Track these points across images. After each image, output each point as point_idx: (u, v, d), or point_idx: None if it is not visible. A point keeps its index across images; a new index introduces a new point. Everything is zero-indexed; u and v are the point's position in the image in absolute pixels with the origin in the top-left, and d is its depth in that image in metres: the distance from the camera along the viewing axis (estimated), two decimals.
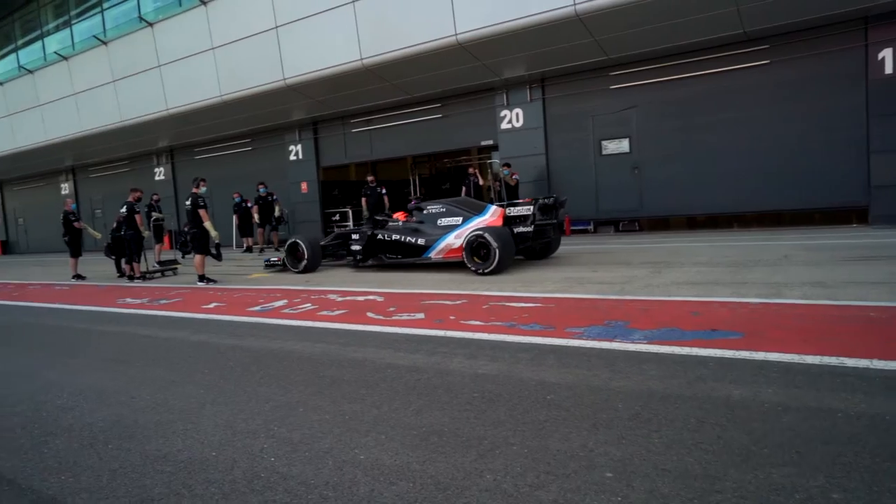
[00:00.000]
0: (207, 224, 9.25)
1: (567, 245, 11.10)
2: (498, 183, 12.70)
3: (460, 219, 8.78)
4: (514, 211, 8.62)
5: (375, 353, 4.19)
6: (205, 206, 9.30)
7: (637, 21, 10.10)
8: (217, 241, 9.75)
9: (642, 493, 2.04)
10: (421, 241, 8.92)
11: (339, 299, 6.66)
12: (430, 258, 8.84)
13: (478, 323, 4.87)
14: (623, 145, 12.50)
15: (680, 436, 2.46)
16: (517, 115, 13.56)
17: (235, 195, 15.57)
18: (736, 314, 4.54)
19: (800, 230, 10.43)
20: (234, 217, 15.85)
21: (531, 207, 8.40)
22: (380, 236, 9.44)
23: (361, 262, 9.75)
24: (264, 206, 14.97)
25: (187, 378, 3.92)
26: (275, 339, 4.87)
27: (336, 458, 2.51)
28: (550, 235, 8.91)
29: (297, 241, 9.79)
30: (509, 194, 12.62)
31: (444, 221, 8.96)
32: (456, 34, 11.19)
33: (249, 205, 15.34)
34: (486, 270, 7.74)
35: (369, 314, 5.62)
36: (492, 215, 8.58)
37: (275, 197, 15.34)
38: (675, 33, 10.49)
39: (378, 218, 9.91)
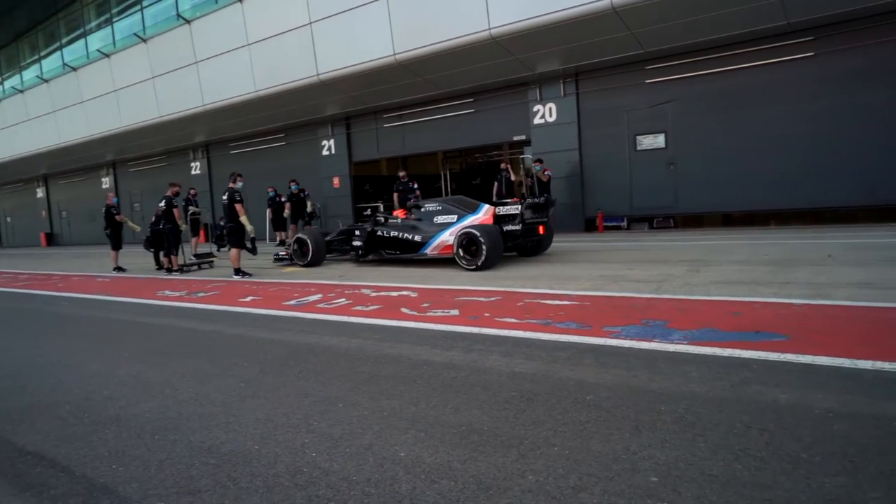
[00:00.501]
0: (243, 218, 9.42)
1: (600, 242, 11.00)
2: (530, 179, 12.61)
3: (455, 217, 9.09)
4: (503, 210, 8.90)
5: (411, 349, 4.21)
6: (241, 201, 9.46)
7: (676, 13, 9.90)
8: (252, 236, 9.94)
9: (690, 499, 2.00)
10: (417, 238, 9.23)
11: (373, 294, 6.71)
12: (426, 254, 9.14)
13: (513, 320, 4.84)
14: (658, 140, 12.29)
15: (726, 441, 2.40)
16: (550, 109, 13.44)
17: (270, 189, 15.81)
18: (779, 315, 4.42)
19: (843, 228, 10.12)
20: (268, 211, 16.10)
21: (519, 207, 8.71)
22: (379, 233, 9.74)
23: (362, 257, 10.08)
24: (297, 203, 15.16)
25: (227, 371, 3.99)
26: (311, 334, 4.93)
27: (377, 454, 2.53)
28: (539, 234, 9.10)
29: (304, 237, 10.30)
30: (541, 190, 12.54)
31: (440, 219, 9.26)
32: (489, 29, 11.14)
33: (283, 199, 15.56)
34: (472, 267, 8.10)
35: (403, 310, 5.64)
36: (484, 214, 8.91)
37: (306, 193, 15.52)
38: (715, 25, 10.26)
39: (379, 215, 10.23)
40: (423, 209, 9.62)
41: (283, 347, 4.54)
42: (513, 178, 13.84)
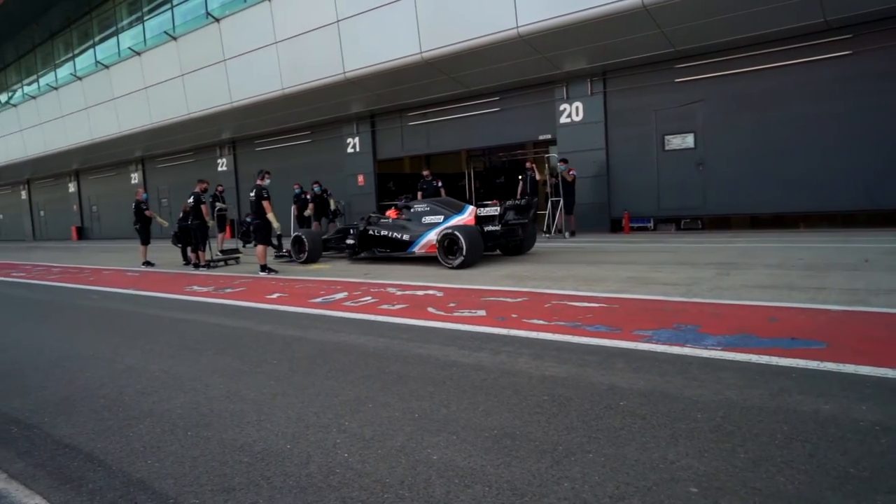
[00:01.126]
0: (270, 215, 9.51)
1: (626, 243, 10.86)
2: (554, 178, 12.51)
3: (442, 217, 9.47)
4: (483, 211, 9.32)
5: (439, 350, 4.19)
6: (268, 198, 9.55)
7: (709, 10, 9.73)
8: (279, 233, 10.07)
9: None
10: (406, 237, 9.67)
11: (399, 293, 6.71)
12: (413, 252, 9.58)
13: (541, 322, 4.80)
14: (687, 140, 12.09)
15: (767, 452, 2.34)
16: (577, 108, 13.32)
17: (296, 186, 15.90)
18: (816, 322, 4.31)
19: (878, 232, 9.84)
20: (293, 208, 16.21)
21: (498, 208, 9.22)
22: (370, 231, 10.18)
23: (356, 255, 10.64)
24: (320, 203, 15.23)
25: (256, 368, 4.02)
26: (338, 332, 4.94)
27: (409, 456, 2.51)
28: (520, 234, 9.42)
29: (301, 235, 10.80)
30: (566, 190, 12.43)
31: (427, 219, 9.66)
32: (517, 27, 11.06)
33: (309, 197, 15.65)
34: (454, 265, 8.49)
35: (430, 309, 5.63)
36: (468, 215, 9.29)
37: (329, 192, 15.59)
38: (749, 23, 10.05)
39: (371, 215, 10.66)
40: (412, 209, 10.01)
41: (312, 345, 4.56)
42: (538, 177, 13.75)
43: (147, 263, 12.22)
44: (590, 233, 13.27)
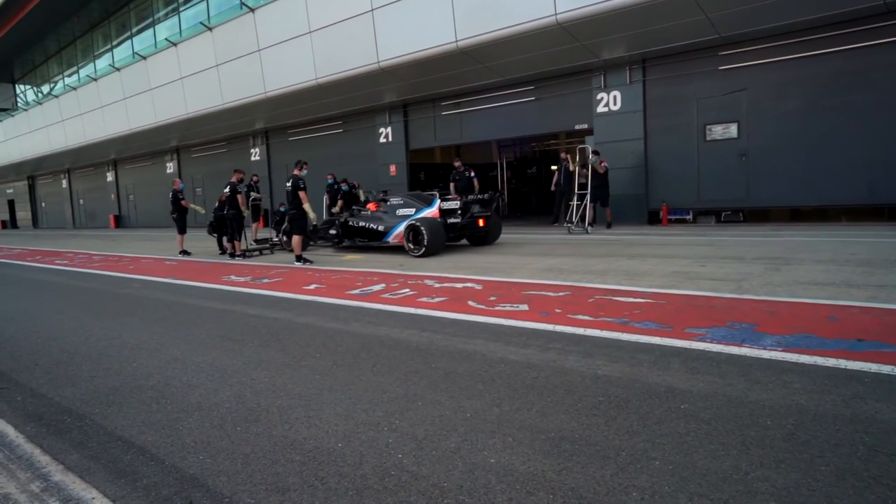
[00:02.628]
0: (307, 206, 9.54)
1: (666, 235, 10.60)
2: (585, 170, 12.06)
3: (413, 210, 10.18)
4: (446, 205, 9.93)
5: (485, 345, 4.10)
6: (305, 188, 9.56)
7: None
8: (315, 223, 10.17)
9: None
10: (381, 228, 10.52)
11: (437, 286, 6.63)
12: (388, 242, 10.36)
13: (587, 318, 4.67)
14: (731, 130, 11.72)
15: (850, 465, 2.19)
16: (615, 97, 13.02)
17: (329, 176, 15.94)
18: (882, 322, 4.09)
19: None
20: (325, 197, 16.26)
21: (458, 202, 10.20)
22: (350, 223, 11.00)
23: (339, 244, 11.60)
24: (349, 199, 15.20)
25: (300, 361, 3.98)
26: (379, 326, 4.89)
27: (465, 459, 2.43)
28: (480, 226, 10.27)
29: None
30: (598, 182, 12.08)
31: (401, 212, 10.40)
32: (556, 14, 10.81)
33: (345, 188, 15.65)
34: (418, 254, 9.30)
35: (470, 303, 5.54)
36: (435, 208, 9.86)
37: (357, 186, 15.56)
38: (801, 7, 9.64)
39: (354, 208, 11.33)
40: (388, 203, 10.85)
41: (354, 339, 4.51)
42: (571, 167, 13.49)
43: (184, 252, 12.40)
44: (627, 225, 13.00)
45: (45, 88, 31.68)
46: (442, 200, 9.92)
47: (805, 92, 10.77)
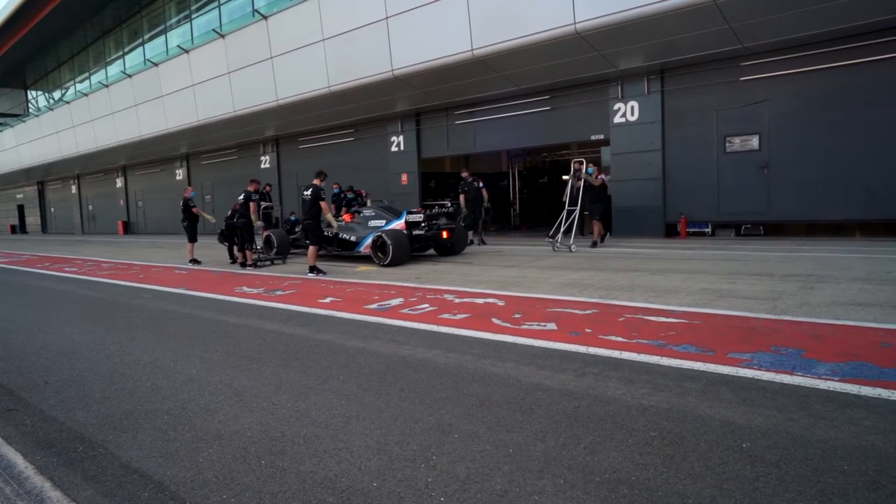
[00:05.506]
0: (329, 216, 9.72)
1: (685, 249, 10.37)
2: (579, 182, 11.30)
3: (384, 221, 10.77)
4: (411, 217, 10.44)
5: (517, 369, 3.88)
6: (325, 199, 9.55)
7: (784, 4, 9.13)
8: (335, 231, 10.51)
9: None
10: (353, 238, 11.04)
11: (457, 301, 6.43)
12: (360, 252, 10.80)
13: (620, 339, 4.45)
14: (752, 142, 11.48)
15: None
16: (632, 108, 12.82)
17: (335, 186, 15.78)
18: None
19: None
20: (332, 207, 16.08)
21: (422, 215, 10.69)
22: (326, 232, 11.08)
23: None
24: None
25: (323, 384, 3.78)
26: (402, 345, 4.68)
27: None
28: (443, 238, 10.85)
29: (271, 234, 12.02)
30: (594, 196, 11.46)
31: (372, 223, 10.98)
32: (575, 23, 10.64)
33: (350, 196, 15.51)
34: (384, 263, 9.75)
35: (495, 320, 5.33)
36: (402, 220, 10.38)
37: (363, 195, 15.39)
38: (827, 17, 9.43)
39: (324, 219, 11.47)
40: (362, 214, 11.49)
41: (377, 359, 4.30)
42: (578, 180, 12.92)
43: (193, 261, 12.24)
44: (643, 237, 12.77)
45: (57, 94, 31.78)
46: (408, 213, 10.49)
47: (829, 104, 10.55)
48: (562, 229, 11.01)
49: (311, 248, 9.59)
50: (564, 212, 11.01)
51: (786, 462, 2.44)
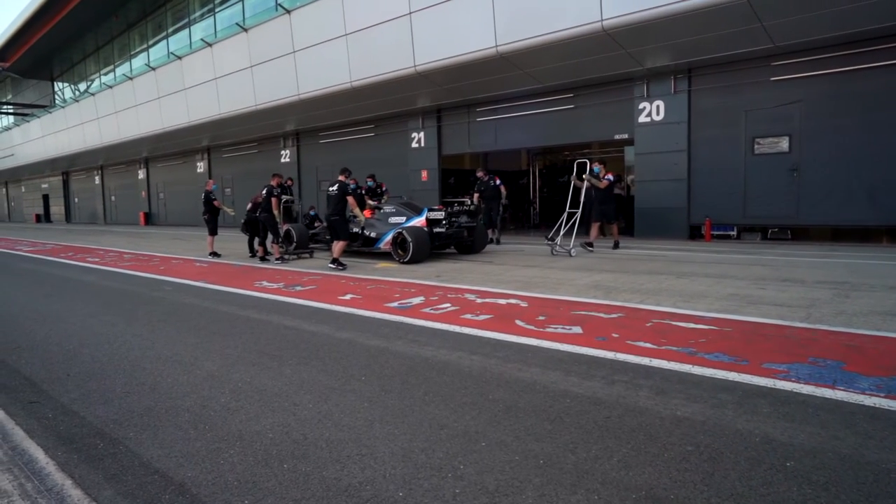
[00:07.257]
0: (356, 210, 9.94)
1: (710, 252, 10.17)
2: (581, 183, 10.87)
3: (404, 218, 10.68)
4: (432, 215, 10.41)
5: (542, 374, 3.78)
6: (352, 194, 9.70)
7: (820, 2, 8.86)
8: (362, 226, 10.97)
9: None
10: (374, 234, 11.03)
11: (479, 301, 6.33)
12: (380, 248, 10.84)
13: (649, 346, 4.32)
14: (782, 144, 11.20)
15: None
16: (658, 107, 12.59)
17: (352, 182, 15.64)
18: None
19: None
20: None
21: (443, 213, 10.67)
22: (354, 229, 11.12)
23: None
24: (372, 197, 14.90)
25: (345, 385, 3.71)
26: (424, 345, 4.60)
27: None
28: (465, 236, 10.83)
29: (290, 228, 12.01)
30: (600, 198, 10.87)
31: (393, 220, 10.91)
32: (602, 20, 10.45)
33: (371, 184, 15.40)
34: (403, 260, 9.75)
35: (518, 322, 5.22)
36: (423, 217, 10.35)
37: (383, 187, 15.22)
38: (864, 15, 9.13)
39: (350, 214, 11.12)
40: (382, 210, 11.40)
41: (399, 360, 4.22)
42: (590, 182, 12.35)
43: (213, 254, 12.28)
44: (666, 239, 12.55)
45: (82, 86, 32.19)
46: (429, 211, 10.44)
47: (867, 105, 10.23)
48: (561, 232, 10.62)
49: (341, 243, 9.68)
50: (565, 214, 10.63)
51: (835, 485, 2.31)
